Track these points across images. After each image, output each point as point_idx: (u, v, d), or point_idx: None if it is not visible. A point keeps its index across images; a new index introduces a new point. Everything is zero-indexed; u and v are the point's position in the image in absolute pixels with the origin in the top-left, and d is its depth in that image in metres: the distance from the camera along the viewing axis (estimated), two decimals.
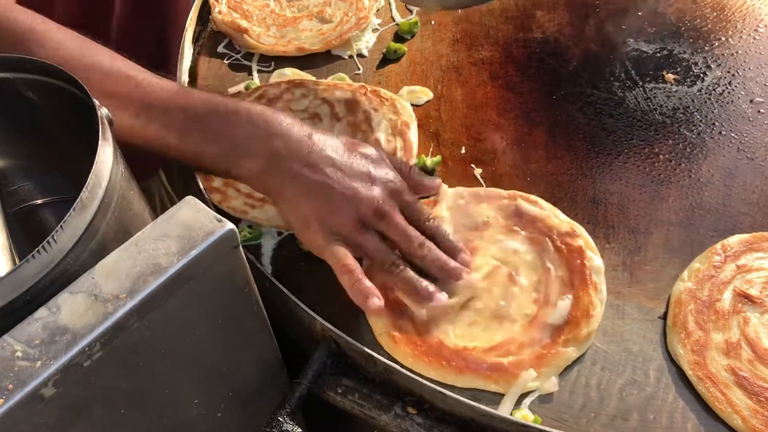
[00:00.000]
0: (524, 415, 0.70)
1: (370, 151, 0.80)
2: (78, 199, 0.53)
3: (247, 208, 0.88)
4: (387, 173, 0.78)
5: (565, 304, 0.76)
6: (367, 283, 0.73)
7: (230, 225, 0.57)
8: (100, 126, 0.57)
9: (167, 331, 0.57)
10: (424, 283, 0.76)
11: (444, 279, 0.77)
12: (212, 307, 0.60)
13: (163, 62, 1.13)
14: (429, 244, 0.76)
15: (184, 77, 1.05)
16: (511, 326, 0.75)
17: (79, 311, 0.52)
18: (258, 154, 0.76)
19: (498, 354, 0.73)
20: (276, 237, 0.87)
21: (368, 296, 0.73)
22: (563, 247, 0.80)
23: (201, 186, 0.89)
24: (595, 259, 0.80)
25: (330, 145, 0.77)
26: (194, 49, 1.10)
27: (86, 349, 0.51)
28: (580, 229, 0.83)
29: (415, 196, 0.80)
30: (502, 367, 0.72)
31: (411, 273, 0.76)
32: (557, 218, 0.84)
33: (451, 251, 0.78)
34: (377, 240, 0.75)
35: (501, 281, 0.79)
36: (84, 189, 0.54)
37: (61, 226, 0.52)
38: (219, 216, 0.57)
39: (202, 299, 0.58)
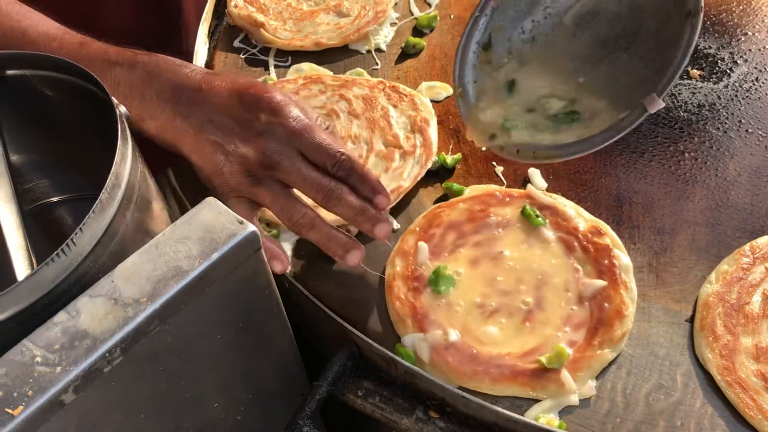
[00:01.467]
0: (549, 420, 0.69)
1: (264, 99, 0.73)
2: (97, 201, 0.52)
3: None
4: (284, 116, 0.71)
5: (599, 282, 0.75)
6: (268, 244, 0.72)
7: (252, 227, 0.56)
8: (119, 125, 0.56)
9: (188, 335, 0.56)
10: (338, 235, 0.73)
11: (364, 230, 0.74)
12: (233, 311, 0.59)
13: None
14: (338, 191, 0.71)
15: None
16: (543, 329, 0.74)
17: (98, 315, 0.51)
18: (158, 110, 0.73)
19: (532, 360, 0.71)
20: (293, 237, 0.85)
21: (272, 259, 0.72)
22: (590, 246, 0.79)
23: None
24: (623, 257, 0.78)
25: (219, 96, 0.73)
26: (210, 44, 1.09)
27: (106, 354, 0.49)
28: (605, 227, 0.81)
29: (325, 135, 0.72)
30: (540, 374, 0.70)
31: (321, 225, 0.72)
32: (581, 216, 0.82)
33: (371, 191, 0.73)
34: (276, 191, 0.71)
35: (531, 282, 0.77)
36: (103, 190, 0.52)
37: (80, 228, 0.51)
38: (240, 218, 0.56)
39: (223, 303, 0.57)
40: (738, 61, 1.01)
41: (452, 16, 1.11)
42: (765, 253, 0.79)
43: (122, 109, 0.59)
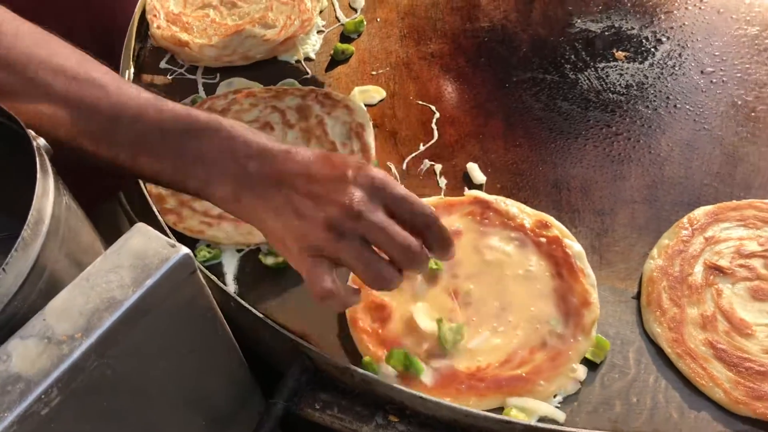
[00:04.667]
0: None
1: (350, 157, 0.70)
2: (20, 238, 0.50)
3: (203, 228, 0.85)
4: (367, 171, 0.67)
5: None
6: (347, 295, 0.67)
7: (185, 249, 0.54)
8: (38, 158, 0.54)
9: (130, 367, 0.54)
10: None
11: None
12: (175, 337, 0.57)
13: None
14: (421, 252, 0.66)
15: None
16: (515, 332, 0.73)
17: (31, 357, 0.49)
18: (230, 176, 0.68)
19: (512, 366, 0.71)
20: (237, 254, 0.84)
21: (354, 303, 0.68)
22: (540, 240, 0.79)
23: (154, 209, 0.86)
24: (574, 245, 0.79)
25: (305, 157, 0.68)
26: (135, 68, 1.07)
27: (42, 396, 0.47)
28: (550, 219, 0.81)
29: (406, 190, 0.68)
30: (522, 379, 0.70)
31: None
32: (525, 213, 0.82)
33: (446, 249, 0.69)
34: (359, 247, 0.65)
35: (492, 288, 0.77)
36: (25, 226, 0.50)
37: (3, 269, 0.48)
38: (172, 241, 0.55)
39: (163, 330, 0.55)
40: (661, 39, 1.03)
41: (379, 20, 1.11)
42: (702, 224, 0.80)
43: (40, 141, 0.57)
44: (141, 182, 0.89)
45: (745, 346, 0.71)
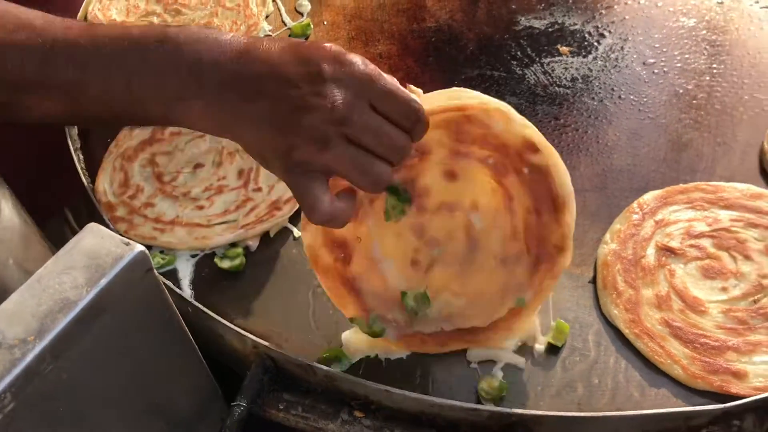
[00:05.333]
0: (490, 382, 0.69)
1: (323, 47, 0.60)
2: None
3: (156, 234, 0.83)
4: (348, 63, 0.59)
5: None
6: (348, 213, 0.62)
7: (140, 247, 0.53)
8: None
9: (87, 370, 0.52)
10: None
11: None
12: (133, 338, 0.56)
13: None
14: (411, 149, 0.62)
15: None
16: (480, 276, 0.70)
17: None
18: (190, 92, 0.60)
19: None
20: (191, 259, 0.83)
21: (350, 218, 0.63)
22: (524, 169, 0.66)
23: (105, 217, 0.84)
24: (563, 180, 0.67)
25: (270, 54, 0.60)
26: None
27: None
28: (539, 140, 0.66)
29: (392, 81, 0.61)
30: (484, 329, 0.71)
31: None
32: (510, 130, 0.65)
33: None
34: (351, 152, 0.58)
35: (461, 225, 0.69)
36: None
37: None
38: (126, 239, 0.53)
39: (120, 331, 0.54)
40: (603, 33, 1.06)
41: (326, 23, 1.11)
42: (652, 207, 0.82)
43: None
44: (90, 192, 0.87)
45: (699, 323, 0.72)
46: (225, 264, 0.81)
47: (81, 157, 0.93)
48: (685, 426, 0.65)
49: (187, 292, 0.79)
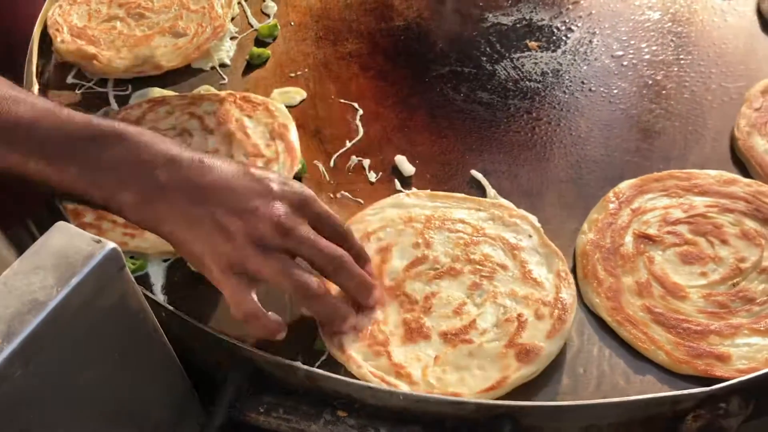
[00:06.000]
0: None
1: (271, 172, 0.70)
2: None
3: (126, 239, 0.81)
4: (291, 186, 0.68)
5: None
6: (269, 319, 0.67)
7: (111, 244, 0.51)
8: None
9: (58, 374, 0.50)
10: (341, 306, 0.70)
11: (361, 299, 0.72)
12: (106, 340, 0.53)
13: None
14: (347, 260, 0.69)
15: None
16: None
17: None
18: (137, 184, 0.65)
19: None
20: (163, 264, 0.80)
21: (275, 332, 0.68)
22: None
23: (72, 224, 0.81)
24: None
25: (225, 171, 0.67)
26: (39, 85, 1.02)
27: None
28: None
29: (327, 207, 0.70)
30: None
31: (329, 297, 0.69)
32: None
33: (363, 261, 0.73)
34: (286, 261, 0.65)
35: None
36: None
37: None
38: (97, 237, 0.51)
39: (93, 332, 0.52)
40: (571, 28, 1.06)
41: (293, 23, 1.09)
42: (628, 196, 0.82)
43: None
44: (56, 200, 0.84)
45: (680, 308, 0.72)
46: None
47: None
48: (671, 411, 0.64)
49: (159, 297, 0.77)
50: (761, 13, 1.06)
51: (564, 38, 1.05)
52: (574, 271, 0.77)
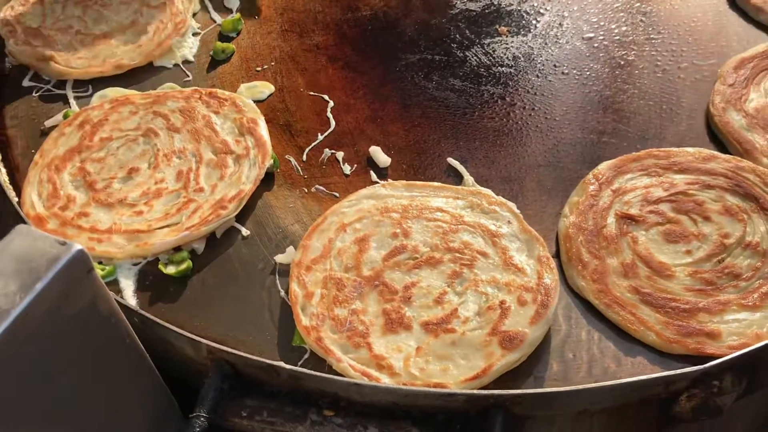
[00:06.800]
0: None
1: None
2: None
3: (93, 245, 0.77)
4: None
5: None
6: None
7: (78, 246, 0.48)
8: None
9: (26, 386, 0.47)
10: None
11: None
12: (77, 348, 0.50)
13: None
14: None
15: None
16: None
17: None
18: None
19: None
20: (133, 268, 0.77)
21: None
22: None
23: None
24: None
25: None
26: None
27: None
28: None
29: None
30: None
31: None
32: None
33: None
34: None
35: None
36: None
37: None
38: (61, 239, 0.48)
39: (61, 340, 0.48)
40: (541, 11, 1.05)
41: (257, 17, 1.06)
42: (607, 177, 0.81)
43: None
44: (17, 206, 0.81)
45: (668, 287, 0.71)
46: (171, 270, 0.76)
47: (3, 170, 0.86)
48: (665, 392, 0.63)
49: (131, 302, 0.74)
50: None
51: (534, 22, 1.03)
52: (557, 255, 0.76)
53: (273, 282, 0.75)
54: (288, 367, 0.64)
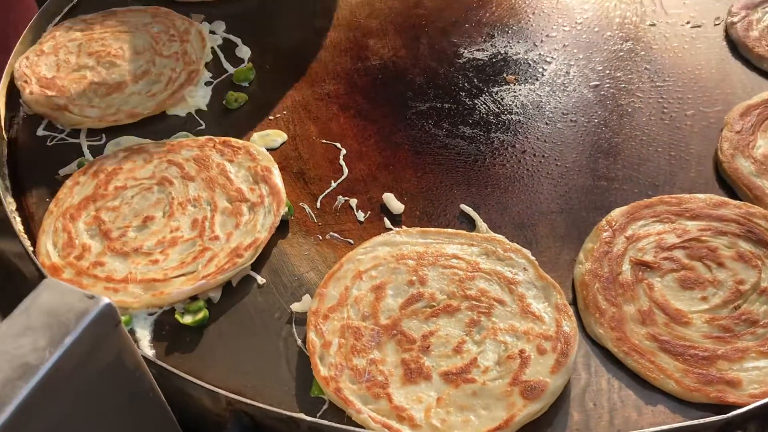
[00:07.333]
0: None
1: None
2: None
3: (109, 294, 0.77)
4: None
5: None
6: None
7: (106, 300, 0.48)
8: None
9: None
10: None
11: None
12: (102, 401, 0.50)
13: None
14: None
15: (4, 170, 0.93)
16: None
17: None
18: None
19: None
20: (149, 318, 0.77)
21: None
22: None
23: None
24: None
25: None
26: (8, 138, 0.98)
27: None
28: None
29: None
30: None
31: None
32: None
33: None
34: None
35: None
36: None
37: None
38: (89, 293, 0.48)
39: (89, 394, 0.48)
40: (547, 60, 1.07)
41: (268, 67, 1.08)
42: (621, 224, 0.81)
43: None
44: (31, 255, 0.81)
45: (686, 335, 0.71)
46: (187, 319, 0.75)
47: (17, 219, 0.87)
48: None
49: (148, 352, 0.73)
50: (731, 38, 1.08)
51: (541, 71, 1.05)
52: (573, 302, 0.76)
53: (290, 331, 0.75)
54: (308, 418, 0.63)
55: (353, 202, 0.87)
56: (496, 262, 0.78)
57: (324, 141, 0.96)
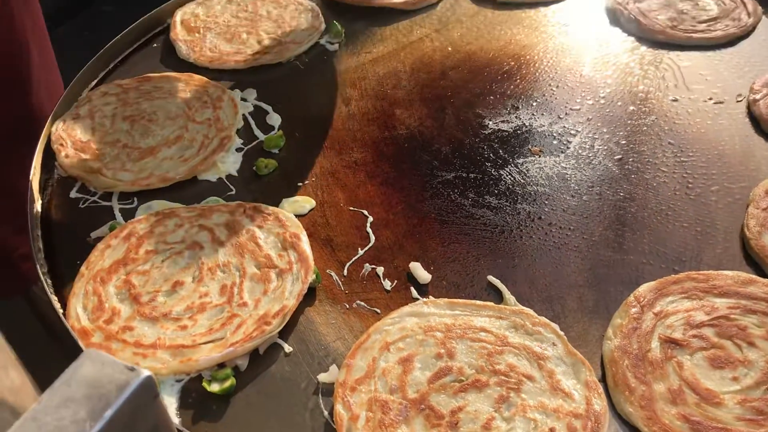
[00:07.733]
0: None
1: None
2: None
3: (137, 359, 0.78)
4: None
5: None
6: None
7: (146, 372, 0.48)
8: None
9: None
10: None
11: None
12: None
13: None
14: None
15: (37, 231, 0.94)
16: None
17: None
18: None
19: None
20: (177, 384, 0.77)
21: None
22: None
23: (81, 345, 0.78)
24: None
25: None
26: (43, 199, 1.00)
27: None
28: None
29: None
30: None
31: None
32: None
33: None
34: None
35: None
36: None
37: None
38: (130, 364, 0.49)
39: None
40: (572, 132, 1.09)
41: (297, 134, 1.10)
42: (649, 300, 0.81)
43: None
44: (63, 318, 0.82)
45: (717, 416, 0.70)
46: (215, 387, 0.75)
47: (49, 282, 0.88)
48: None
49: (174, 420, 0.73)
50: (753, 115, 1.09)
51: (566, 143, 1.07)
52: (603, 379, 0.75)
53: (316, 402, 0.75)
54: None
55: (380, 270, 0.88)
56: (525, 336, 0.78)
57: (351, 208, 0.97)
